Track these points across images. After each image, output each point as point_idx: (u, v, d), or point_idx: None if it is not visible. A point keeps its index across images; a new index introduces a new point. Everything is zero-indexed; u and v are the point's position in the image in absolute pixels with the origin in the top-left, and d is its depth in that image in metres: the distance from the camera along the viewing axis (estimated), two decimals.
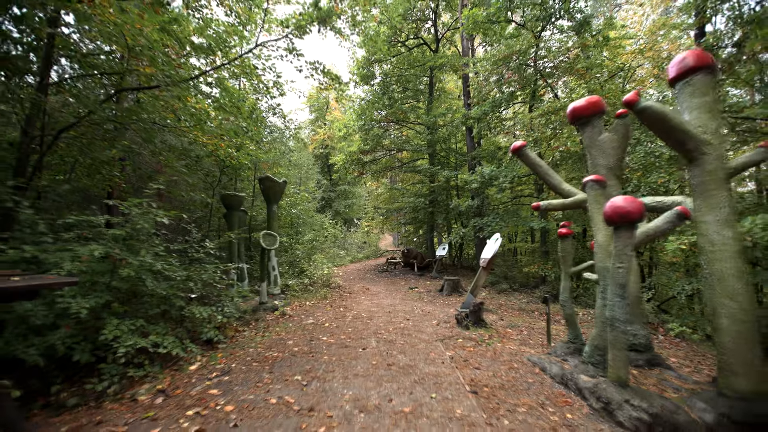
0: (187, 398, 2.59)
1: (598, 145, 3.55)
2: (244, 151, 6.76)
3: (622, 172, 4.38)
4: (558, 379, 2.95)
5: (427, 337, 4.44)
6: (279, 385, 2.82)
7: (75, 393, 2.68)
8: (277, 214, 7.53)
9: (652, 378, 2.89)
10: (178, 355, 3.32)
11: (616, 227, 2.43)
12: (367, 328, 4.92)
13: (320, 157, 25.16)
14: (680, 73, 2.61)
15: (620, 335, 2.41)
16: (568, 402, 2.57)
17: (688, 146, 2.49)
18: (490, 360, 3.58)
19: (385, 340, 4.27)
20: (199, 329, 3.95)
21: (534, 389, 2.82)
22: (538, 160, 3.96)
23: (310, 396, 2.62)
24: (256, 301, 6.23)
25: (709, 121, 2.49)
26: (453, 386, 2.84)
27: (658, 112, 2.48)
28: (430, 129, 13.99)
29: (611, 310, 2.45)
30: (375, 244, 24.82)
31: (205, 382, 2.87)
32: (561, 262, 3.79)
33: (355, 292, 8.81)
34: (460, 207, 11.13)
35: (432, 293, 8.63)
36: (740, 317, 2.25)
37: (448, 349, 3.91)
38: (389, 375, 3.07)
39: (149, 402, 2.56)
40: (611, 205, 2.42)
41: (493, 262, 6.34)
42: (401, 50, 15.27)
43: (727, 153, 3.14)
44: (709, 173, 2.45)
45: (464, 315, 5.17)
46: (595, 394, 2.45)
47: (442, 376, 3.05)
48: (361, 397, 2.60)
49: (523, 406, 2.50)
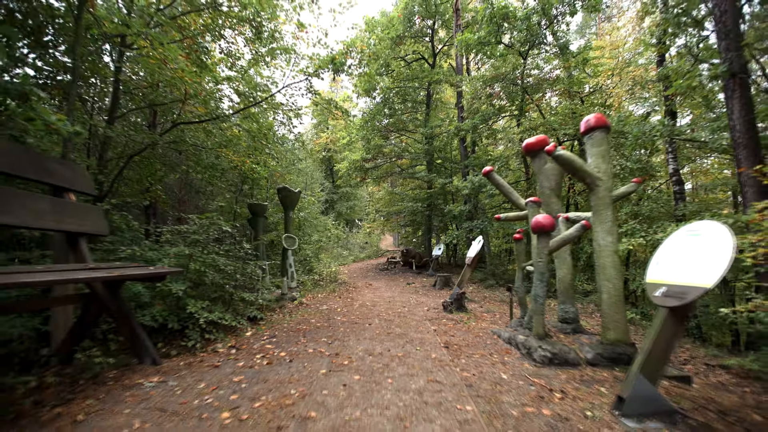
0: (252, 349, 3.85)
1: (544, 172, 4.80)
2: (263, 164, 8.02)
3: (560, 191, 5.59)
4: (506, 340, 4.19)
5: (418, 318, 5.69)
6: (312, 343, 4.07)
7: (173, 347, 3.93)
8: (293, 219, 8.77)
9: (570, 338, 4.14)
10: (234, 326, 4.57)
11: (538, 235, 3.67)
12: (371, 312, 6.17)
13: (323, 161, 26.39)
14: (586, 130, 3.85)
15: (540, 306, 3.65)
16: (508, 352, 3.81)
17: (587, 180, 3.73)
18: (463, 332, 4.82)
19: (385, 320, 5.53)
20: (243, 310, 5.20)
21: (488, 346, 4.06)
22: (502, 181, 5.21)
23: (334, 348, 3.87)
24: (278, 293, 7.47)
25: (602, 164, 3.73)
26: (432, 344, 4.08)
27: (567, 157, 3.72)
28: (428, 139, 15.22)
29: (535, 290, 3.69)
30: (376, 245, 26.02)
31: (261, 341, 4.13)
32: (516, 259, 5.03)
33: (359, 287, 10.05)
34: (454, 211, 12.38)
35: (427, 288, 9.88)
36: (613, 293, 3.49)
37: (432, 325, 5.16)
38: (388, 338, 4.32)
39: (226, 352, 3.81)
40: (534, 220, 3.67)
41: (476, 260, 7.58)
42: (401, 64, 16.54)
43: (614, 185, 4.34)
44: (600, 199, 3.69)
45: (450, 302, 6.42)
46: (524, 345, 3.70)
47: (426, 340, 4.30)
48: (369, 349, 3.85)
49: (477, 354, 3.74)
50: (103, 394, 2.65)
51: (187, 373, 3.13)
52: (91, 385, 2.81)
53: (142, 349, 3.29)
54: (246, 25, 6.45)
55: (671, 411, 2.35)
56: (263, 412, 2.38)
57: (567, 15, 10.57)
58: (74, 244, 3.41)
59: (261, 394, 2.67)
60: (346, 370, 3.19)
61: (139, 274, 3.14)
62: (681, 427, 2.25)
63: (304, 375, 3.08)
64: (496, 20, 10.57)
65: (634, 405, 2.36)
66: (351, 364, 3.38)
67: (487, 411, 2.42)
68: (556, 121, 10.32)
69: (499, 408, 2.47)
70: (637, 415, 2.34)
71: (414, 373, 3.11)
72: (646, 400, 2.36)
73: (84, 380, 2.89)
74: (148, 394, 2.66)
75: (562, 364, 3.34)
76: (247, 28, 6.67)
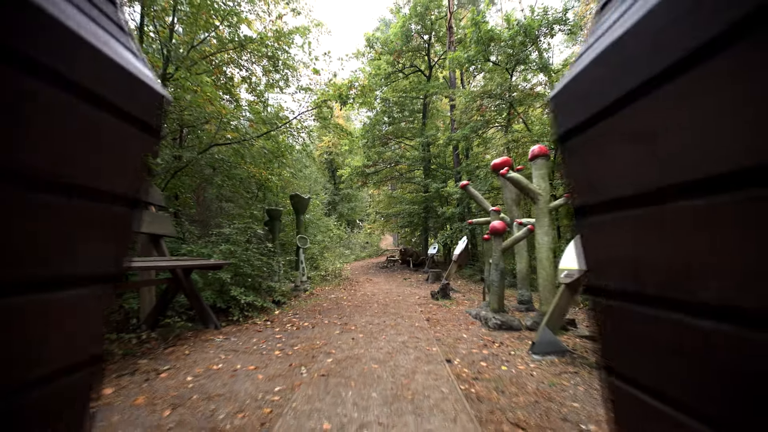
0: (282, 321, 5.15)
1: (507, 186, 6.09)
2: (278, 175, 9.34)
3: (520, 201, 6.87)
4: (473, 316, 5.49)
5: (409, 303, 6.99)
6: (326, 318, 5.38)
7: (222, 321, 5.23)
8: (303, 222, 10.08)
9: (522, 314, 5.43)
10: (265, 307, 5.88)
11: (494, 236, 4.97)
12: (371, 299, 7.47)
13: (325, 163, 27.67)
14: (532, 157, 5.14)
15: (495, 288, 4.94)
16: (473, 323, 5.11)
17: (530, 195, 5.03)
18: (444, 312, 6.12)
19: (382, 304, 6.83)
20: (269, 295, 6.50)
21: (459, 320, 5.36)
22: (475, 193, 6.51)
23: (343, 320, 5.18)
24: (292, 285, 8.79)
25: (542, 182, 5.03)
26: (417, 319, 5.38)
27: (516, 178, 5.01)
28: (424, 146, 16.52)
29: (491, 276, 4.98)
30: (376, 244, 27.30)
31: (287, 317, 5.44)
32: (485, 255, 6.33)
33: (361, 282, 11.36)
34: (446, 213, 13.67)
35: (420, 282, 11.18)
36: (547, 279, 4.78)
37: (420, 308, 6.46)
38: (384, 315, 5.62)
39: (263, 324, 5.11)
40: (491, 225, 4.96)
41: (462, 257, 8.89)
42: (399, 76, 17.85)
43: (551, 198, 5.59)
44: (540, 209, 4.98)
45: (437, 292, 7.72)
46: (483, 317, 5.00)
47: (413, 316, 5.60)
48: (370, 321, 5.15)
49: (449, 324, 5.04)
50: (191, 344, 3.96)
51: (241, 334, 4.45)
52: (178, 341, 4.12)
53: (208, 318, 4.60)
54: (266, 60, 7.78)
55: (564, 350, 3.64)
56: (300, 351, 3.69)
57: (548, 36, 11.86)
58: (156, 242, 4.72)
59: (296, 344, 3.97)
60: (353, 332, 4.50)
61: (205, 264, 4.45)
62: (567, 357, 3.54)
63: (324, 334, 4.39)
64: (483, 41, 11.86)
65: (541, 346, 3.65)
66: (356, 329, 4.69)
67: (445, 350, 3.72)
68: (540, 131, 11.60)
69: (454, 349, 3.77)
70: (543, 352, 3.63)
71: (401, 333, 4.42)
72: (549, 343, 3.66)
73: (171, 338, 4.20)
74: (220, 344, 3.97)
75: (508, 329, 4.63)
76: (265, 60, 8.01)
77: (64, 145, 0.54)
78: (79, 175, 0.57)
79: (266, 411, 2.32)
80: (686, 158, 0.47)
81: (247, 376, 2.96)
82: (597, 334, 0.67)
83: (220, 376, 2.96)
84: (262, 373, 3.04)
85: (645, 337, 0.56)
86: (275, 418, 2.22)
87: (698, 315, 0.46)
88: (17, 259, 0.49)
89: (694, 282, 0.47)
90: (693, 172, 0.46)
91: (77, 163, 0.56)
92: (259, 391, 2.66)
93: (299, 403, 2.42)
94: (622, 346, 0.62)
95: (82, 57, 0.54)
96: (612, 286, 0.61)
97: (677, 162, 0.48)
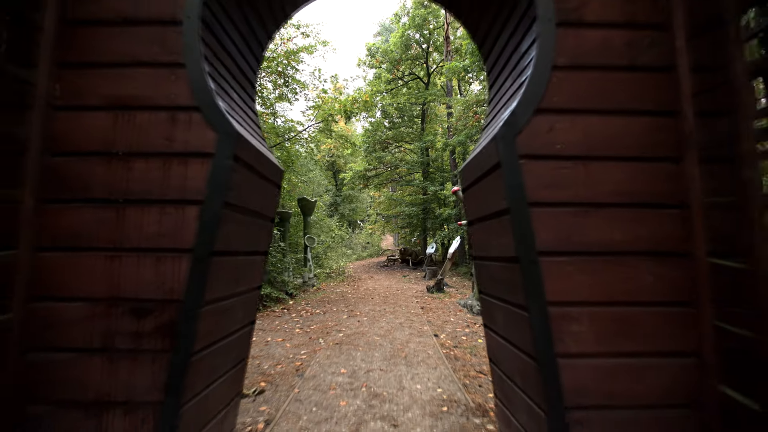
0: (297, 309, 6.00)
1: None
2: (286, 180, 10.18)
3: None
4: (462, 305, 6.32)
5: (407, 296, 7.83)
6: (335, 307, 6.22)
7: None
8: (310, 223, 10.92)
9: None
10: (280, 298, 6.71)
11: None
12: (373, 293, 8.31)
13: (327, 164, 28.47)
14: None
15: None
16: (461, 311, 5.95)
17: None
18: (437, 303, 6.95)
19: (383, 297, 7.67)
20: (283, 287, 7.34)
21: (449, 308, 6.19)
22: None
23: (350, 308, 6.02)
24: (300, 281, 9.62)
25: None
26: (413, 307, 6.22)
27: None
28: (423, 151, 17.36)
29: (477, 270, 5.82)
30: (377, 244, 28.11)
31: (301, 306, 6.28)
32: None
33: (363, 279, 12.20)
34: (443, 215, 14.50)
35: (419, 279, 12.02)
36: None
37: (416, 299, 7.30)
38: (385, 305, 6.46)
39: (280, 311, 5.95)
40: None
41: (456, 255, 9.72)
42: (398, 83, 18.70)
43: None
44: None
45: (432, 286, 8.55)
46: (469, 305, 5.83)
47: (410, 306, 6.43)
48: (373, 309, 5.99)
49: (440, 312, 5.88)
50: None
51: (263, 319, 5.29)
52: None
53: None
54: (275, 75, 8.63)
55: None
56: (316, 329, 4.53)
57: None
58: None
59: (312, 325, 4.81)
60: (358, 317, 5.34)
61: None
62: None
63: (334, 318, 5.23)
64: (478, 53, 12.69)
65: None
66: (361, 314, 5.53)
67: (434, 329, 4.56)
68: None
69: (441, 328, 4.61)
70: None
71: (398, 317, 5.26)
72: None
73: None
74: None
75: None
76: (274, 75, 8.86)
77: (257, 195, 1.41)
78: (260, 207, 1.44)
79: (297, 364, 3.16)
80: (489, 204, 1.32)
81: (278, 345, 3.80)
82: (475, 276, 1.57)
83: (256, 344, 3.80)
84: (289, 343, 3.88)
85: (486, 273, 1.42)
86: (305, 367, 3.06)
87: (491, 261, 1.32)
88: (252, 242, 1.36)
89: (488, 250, 1.32)
90: (489, 209, 1.31)
91: (259, 202, 1.43)
92: (289, 353, 3.50)
93: (321, 359, 3.26)
94: (481, 279, 1.47)
95: (262, 159, 1.41)
96: (476, 253, 1.47)
97: (489, 205, 1.33)
